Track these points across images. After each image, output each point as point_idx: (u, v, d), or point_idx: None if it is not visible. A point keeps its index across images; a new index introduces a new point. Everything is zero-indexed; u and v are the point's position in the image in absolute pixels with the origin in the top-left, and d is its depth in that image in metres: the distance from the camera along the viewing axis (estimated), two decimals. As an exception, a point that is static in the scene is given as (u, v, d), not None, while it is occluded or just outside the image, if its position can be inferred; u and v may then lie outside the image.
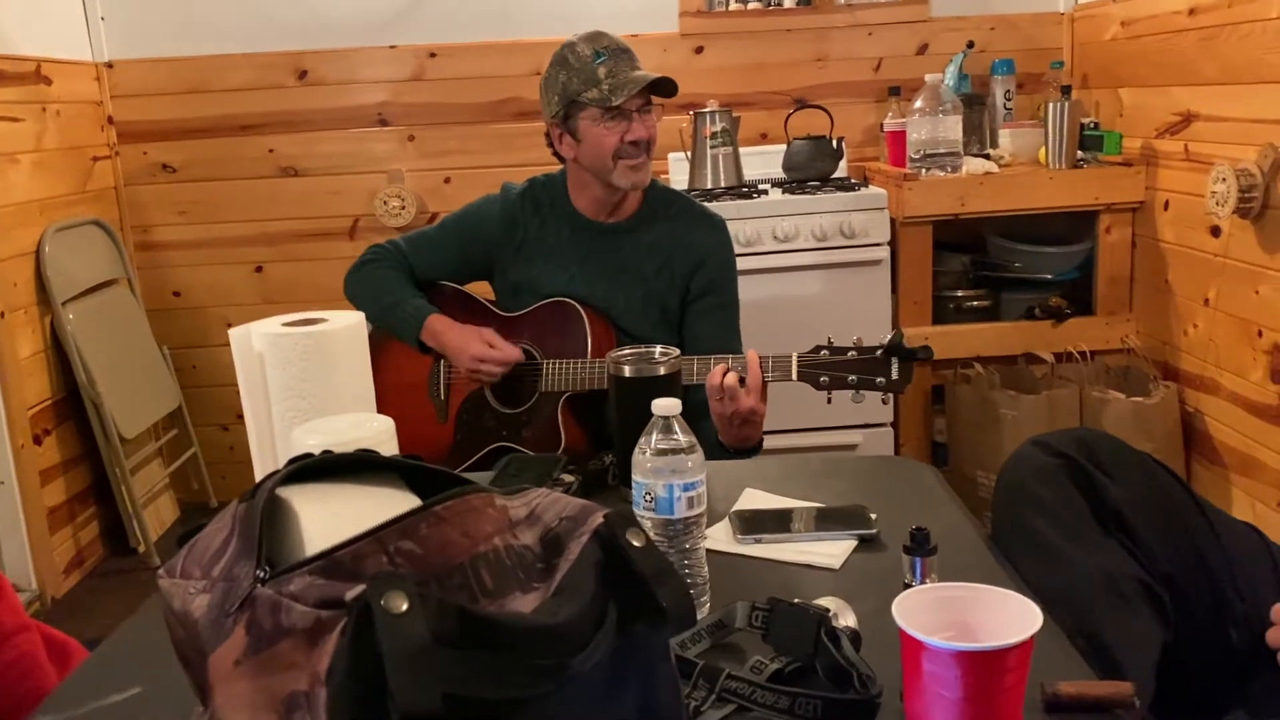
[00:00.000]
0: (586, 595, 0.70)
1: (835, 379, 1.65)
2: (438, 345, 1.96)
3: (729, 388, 1.63)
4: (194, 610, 0.70)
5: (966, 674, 0.75)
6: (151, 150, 3.30)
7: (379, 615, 0.61)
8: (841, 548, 1.24)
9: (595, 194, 1.96)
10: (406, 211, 3.28)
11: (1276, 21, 2.23)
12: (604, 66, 1.84)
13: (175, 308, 3.40)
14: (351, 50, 3.26)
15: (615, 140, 1.86)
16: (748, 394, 1.64)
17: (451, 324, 1.96)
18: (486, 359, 1.90)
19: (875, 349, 1.63)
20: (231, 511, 0.74)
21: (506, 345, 1.92)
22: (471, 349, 1.91)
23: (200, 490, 3.43)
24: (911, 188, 2.76)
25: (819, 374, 1.66)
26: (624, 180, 1.90)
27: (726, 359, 1.70)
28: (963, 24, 3.25)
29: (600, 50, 1.86)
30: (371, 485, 0.77)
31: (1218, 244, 2.50)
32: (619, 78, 1.84)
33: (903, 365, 1.62)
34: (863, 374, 1.63)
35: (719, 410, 1.66)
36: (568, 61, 1.88)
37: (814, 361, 1.66)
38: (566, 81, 1.87)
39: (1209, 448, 2.62)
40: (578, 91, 1.86)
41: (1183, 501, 1.24)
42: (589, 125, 1.87)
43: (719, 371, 1.64)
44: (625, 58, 1.87)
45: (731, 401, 1.64)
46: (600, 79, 1.84)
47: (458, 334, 1.94)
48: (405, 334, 1.98)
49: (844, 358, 1.64)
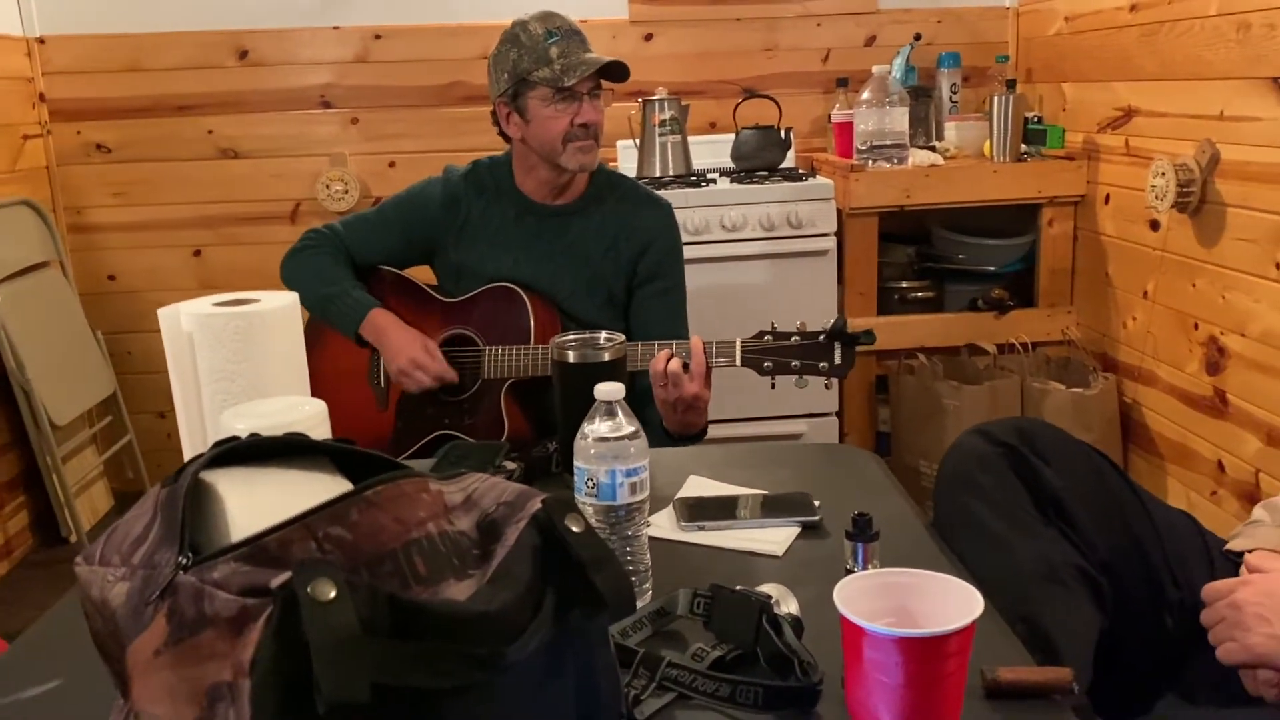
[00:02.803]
0: (523, 582, 0.68)
1: (779, 364, 1.65)
2: (376, 340, 1.91)
3: (673, 373, 1.62)
4: (112, 599, 0.68)
5: (907, 660, 0.75)
6: (85, 129, 3.21)
7: (305, 603, 0.59)
8: (785, 535, 1.23)
9: (542, 175, 1.93)
10: (349, 195, 3.22)
11: (1215, 19, 2.26)
12: (556, 47, 1.82)
13: (110, 291, 3.31)
14: (294, 30, 3.20)
15: (565, 122, 1.84)
16: (692, 380, 1.63)
17: (396, 322, 1.91)
18: (422, 367, 1.86)
19: (818, 334, 1.63)
20: (153, 496, 0.71)
21: (443, 361, 1.88)
22: (410, 352, 1.86)
23: (135, 479, 3.35)
24: (858, 179, 2.77)
25: (763, 359, 1.65)
26: (572, 163, 1.88)
27: (670, 344, 1.69)
28: (910, 17, 3.27)
29: (553, 30, 1.83)
30: (301, 469, 0.75)
31: (1156, 238, 2.54)
32: (571, 59, 1.82)
33: (845, 350, 1.62)
34: (806, 359, 1.63)
35: (663, 396, 1.66)
36: (519, 39, 1.85)
37: (758, 347, 1.66)
38: (517, 59, 1.84)
39: (1146, 438, 2.67)
40: (528, 70, 1.83)
41: (1121, 490, 1.25)
42: (538, 105, 1.85)
43: (663, 357, 1.63)
44: (577, 39, 1.85)
45: (675, 387, 1.63)
46: (552, 59, 1.82)
47: (400, 334, 1.89)
48: (344, 326, 1.93)
49: (787, 343, 1.64)
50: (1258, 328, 2.19)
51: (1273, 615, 1.02)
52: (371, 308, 1.92)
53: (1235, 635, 1.04)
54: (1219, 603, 1.07)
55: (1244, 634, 1.03)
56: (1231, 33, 2.20)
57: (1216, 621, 1.07)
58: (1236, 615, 1.04)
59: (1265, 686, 1.03)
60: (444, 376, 1.87)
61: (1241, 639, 1.03)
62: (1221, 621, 1.06)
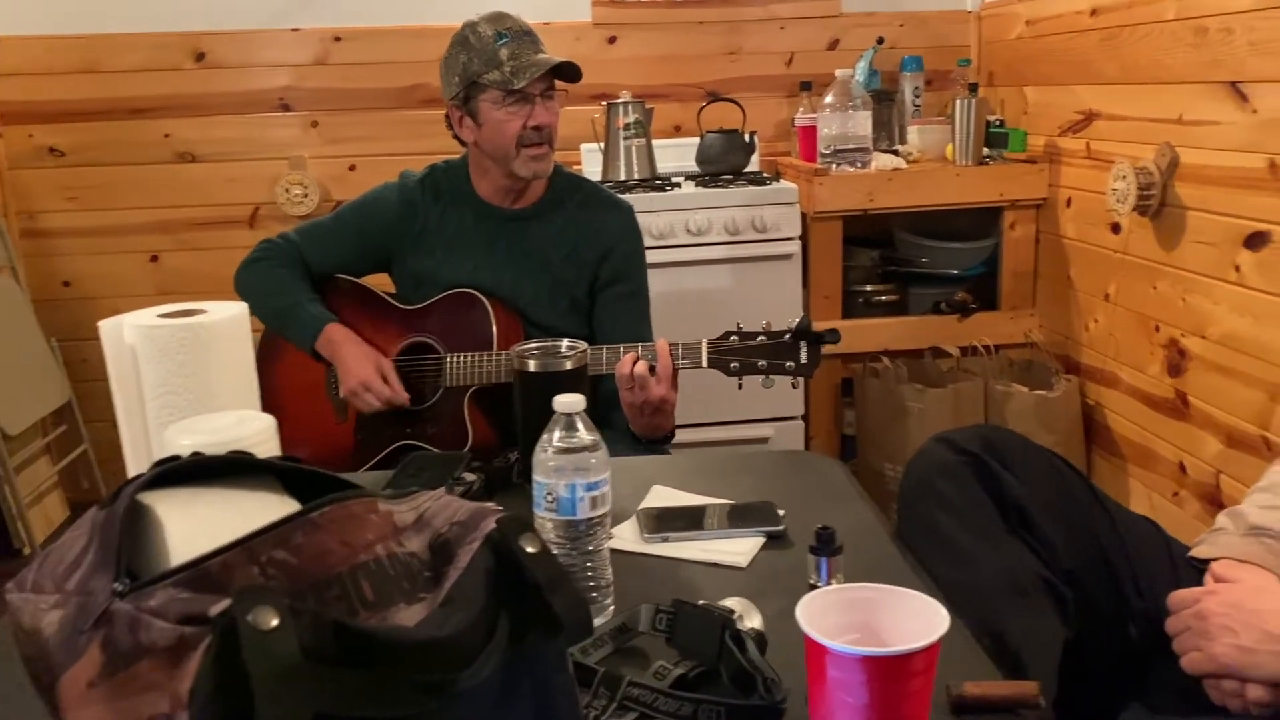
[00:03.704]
0: (476, 605, 0.66)
1: (745, 364, 1.64)
2: (330, 355, 1.87)
3: (639, 376, 1.61)
4: (44, 628, 0.65)
5: (872, 679, 0.73)
6: (38, 133, 3.15)
7: (245, 632, 0.56)
8: (749, 545, 1.21)
9: (497, 180, 1.91)
10: (309, 200, 3.18)
11: (1172, 24, 2.27)
12: (506, 48, 1.80)
13: (64, 298, 3.25)
14: (252, 32, 3.15)
15: (517, 125, 1.81)
16: (658, 382, 1.62)
17: (350, 338, 1.87)
18: (372, 390, 1.82)
19: (784, 333, 1.63)
20: (89, 519, 0.68)
21: (397, 385, 1.84)
22: (362, 374, 1.82)
23: (91, 489, 3.28)
24: (822, 183, 2.76)
25: (729, 360, 1.65)
26: (526, 169, 1.85)
27: (636, 347, 1.68)
28: (873, 20, 3.27)
29: (503, 31, 1.81)
30: (245, 489, 0.72)
31: (1118, 240, 2.55)
32: (521, 60, 1.79)
33: (811, 349, 1.62)
34: (772, 359, 1.63)
35: (629, 399, 1.64)
36: (468, 42, 1.82)
37: (724, 348, 1.65)
38: (467, 62, 1.82)
39: (1109, 440, 2.68)
40: (478, 73, 1.81)
41: (1085, 499, 1.24)
42: (490, 108, 1.82)
43: (629, 360, 1.62)
44: (528, 40, 1.82)
45: (642, 390, 1.61)
46: (502, 60, 1.79)
47: (355, 351, 1.85)
48: (300, 340, 1.89)
49: (753, 343, 1.64)
50: (1218, 330, 2.20)
51: (1238, 626, 1.01)
52: (326, 323, 1.88)
53: (1200, 645, 1.04)
54: (1184, 612, 1.07)
55: (1209, 644, 1.03)
56: (1189, 37, 2.22)
57: (1181, 631, 1.07)
58: (1202, 625, 1.04)
59: (1230, 697, 1.02)
60: (394, 401, 1.84)
61: (1206, 649, 1.03)
62: (1187, 631, 1.06)
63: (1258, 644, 1.00)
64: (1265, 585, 1.07)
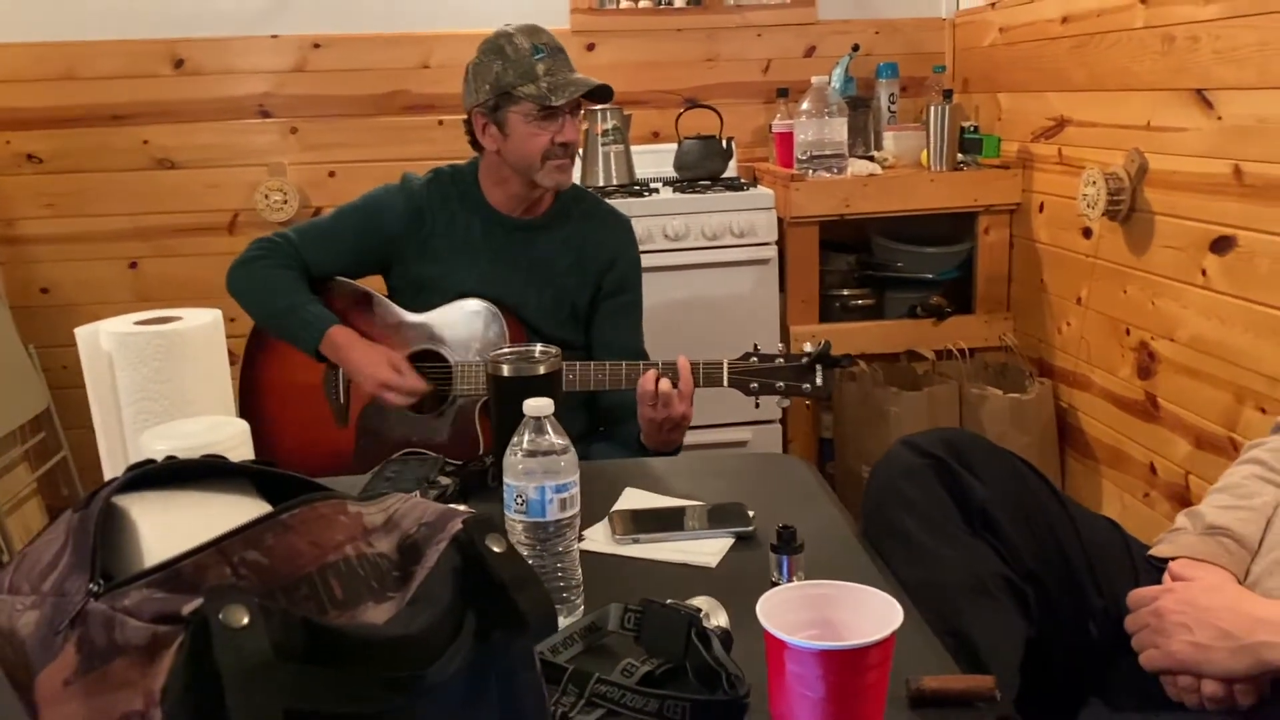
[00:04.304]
0: (443, 604, 0.68)
1: (764, 385, 1.70)
2: (337, 359, 1.86)
3: (664, 394, 1.64)
4: (21, 628, 0.66)
5: (828, 673, 0.76)
6: (15, 139, 3.14)
7: (216, 630, 0.58)
8: (719, 546, 1.24)
9: (514, 190, 1.91)
10: (288, 206, 3.18)
11: (1140, 32, 2.31)
12: (543, 64, 1.81)
13: (43, 305, 3.24)
14: (231, 39, 3.16)
15: (546, 140, 1.83)
16: (680, 399, 1.65)
17: (355, 340, 1.85)
18: (394, 387, 1.82)
19: (802, 357, 1.68)
20: (65, 522, 0.70)
21: (413, 374, 1.84)
22: (380, 375, 1.82)
23: (71, 495, 3.27)
24: (799, 188, 2.79)
25: (749, 380, 1.70)
26: (549, 180, 1.87)
27: (657, 364, 1.70)
28: (849, 27, 3.30)
29: (539, 46, 1.82)
30: (218, 492, 0.74)
31: (1089, 245, 2.59)
32: (558, 77, 1.81)
33: (827, 372, 1.68)
34: (790, 380, 1.68)
35: (650, 415, 1.67)
36: (504, 51, 1.83)
37: (744, 368, 1.70)
38: (501, 72, 1.82)
39: (1081, 442, 2.72)
40: (513, 84, 1.81)
41: (1047, 500, 1.27)
42: (520, 121, 1.83)
43: (651, 377, 1.65)
44: (562, 57, 1.85)
45: (665, 407, 1.65)
46: (539, 75, 1.80)
47: (363, 353, 1.84)
48: (302, 343, 1.87)
49: (772, 364, 1.69)
50: (1186, 333, 2.24)
51: (1193, 623, 1.04)
52: (330, 325, 1.86)
53: (1158, 642, 1.06)
54: (1142, 610, 1.09)
55: (1166, 641, 1.05)
56: (1157, 45, 2.26)
57: (1140, 628, 1.09)
58: (1159, 622, 1.07)
59: (1186, 693, 1.05)
60: (417, 390, 1.84)
61: (1163, 646, 1.05)
62: (1145, 628, 1.08)
63: (1212, 641, 1.03)
64: (1220, 584, 1.10)
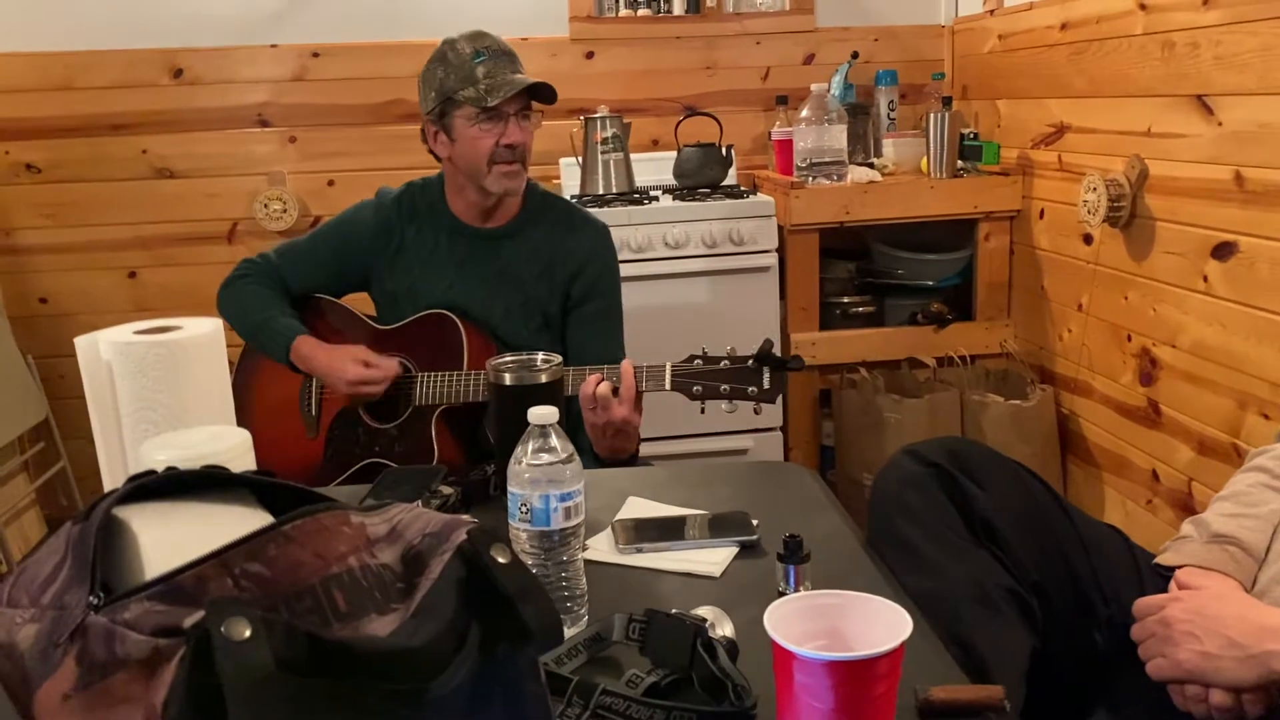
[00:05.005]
0: (447, 615, 0.67)
1: (708, 389, 1.65)
2: (308, 368, 1.89)
3: (601, 397, 1.62)
4: (20, 641, 0.66)
5: (837, 684, 0.75)
6: (14, 149, 3.14)
7: (218, 643, 0.57)
8: (723, 555, 1.23)
9: (470, 197, 1.92)
10: (288, 215, 3.18)
11: (1140, 38, 2.31)
12: (483, 66, 1.81)
13: (41, 315, 3.24)
14: (230, 49, 3.16)
15: (490, 143, 1.83)
16: (621, 404, 1.63)
17: (319, 345, 1.88)
18: (364, 380, 1.84)
19: (746, 359, 1.63)
20: (65, 534, 0.69)
21: (382, 360, 1.86)
22: (347, 372, 1.84)
23: (69, 506, 3.26)
24: (798, 196, 2.79)
25: (692, 384, 1.65)
26: (497, 186, 1.87)
27: (601, 369, 1.69)
28: (848, 35, 3.31)
29: (481, 50, 1.82)
30: (219, 503, 0.73)
31: (1090, 251, 2.59)
32: (497, 79, 1.81)
33: (774, 375, 1.63)
34: (735, 384, 1.64)
35: (592, 420, 1.65)
36: (446, 58, 1.84)
37: (687, 371, 1.66)
38: (444, 78, 1.84)
39: (1083, 449, 2.71)
40: (454, 89, 1.82)
41: (1050, 509, 1.26)
42: (464, 125, 1.84)
43: (592, 381, 1.63)
44: (506, 59, 1.84)
45: (604, 411, 1.62)
46: (478, 78, 1.81)
47: (327, 355, 1.87)
48: (275, 355, 1.92)
49: (716, 367, 1.65)
50: (1187, 339, 2.23)
51: (1201, 632, 1.03)
52: (297, 335, 1.89)
53: (1165, 651, 1.05)
54: (1149, 619, 1.09)
55: (1173, 650, 1.04)
56: (1156, 51, 2.26)
57: (1146, 637, 1.09)
58: (1166, 631, 1.06)
59: (1193, 702, 1.04)
60: (388, 375, 1.85)
61: (1171, 655, 1.05)
62: (1151, 637, 1.08)
63: (1220, 650, 1.02)
64: (1227, 592, 1.10)
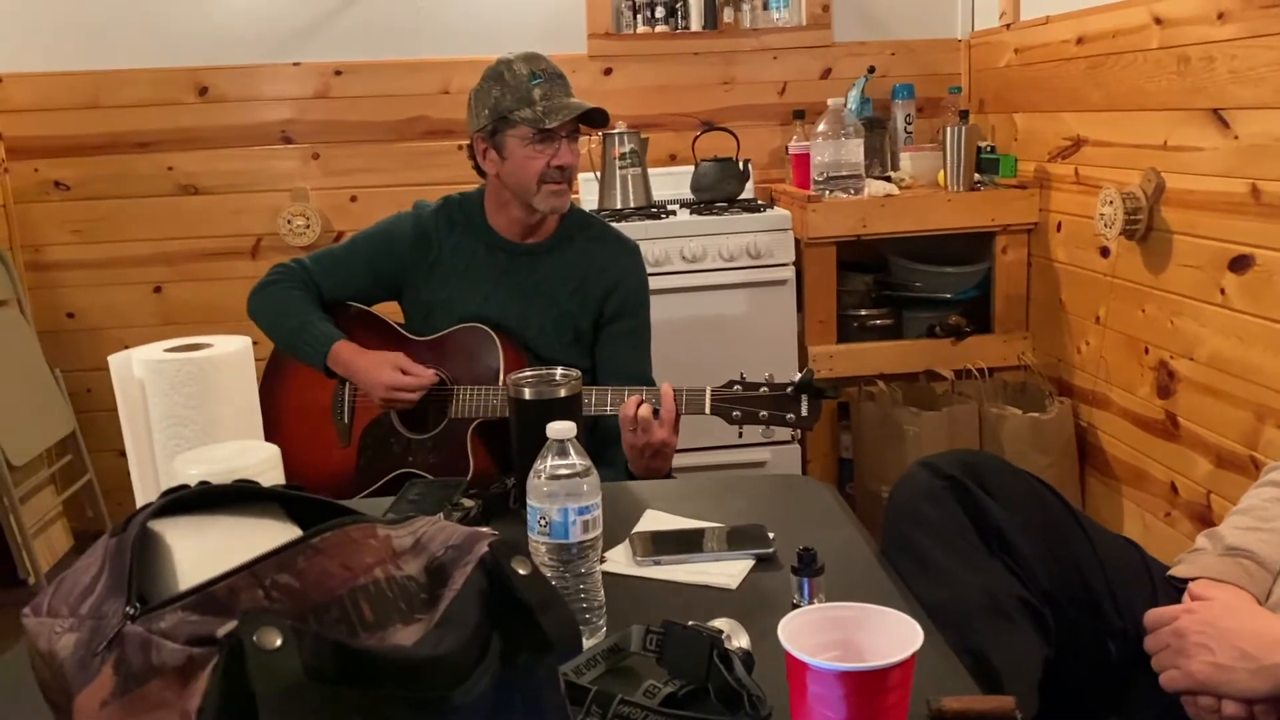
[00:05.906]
0: (470, 625, 0.69)
1: (747, 414, 1.68)
2: (346, 373, 1.92)
3: (642, 419, 1.65)
4: (60, 650, 0.68)
5: (850, 694, 0.76)
6: (43, 167, 3.20)
7: (250, 652, 0.60)
8: (739, 568, 1.24)
9: (514, 214, 1.95)
10: (311, 230, 3.22)
11: (1156, 52, 2.32)
12: (539, 89, 1.85)
13: (69, 329, 3.29)
14: (254, 67, 3.21)
15: (542, 163, 1.87)
16: (661, 426, 1.66)
17: (360, 351, 1.91)
18: (401, 387, 1.86)
19: (786, 386, 1.67)
20: (102, 546, 0.72)
21: (419, 369, 1.88)
22: (385, 378, 1.86)
23: (95, 518, 3.31)
24: (815, 209, 2.81)
25: (732, 409, 1.69)
26: (545, 204, 1.90)
27: (641, 391, 1.71)
28: (864, 49, 3.33)
29: (537, 72, 1.86)
30: (250, 516, 0.76)
31: (1107, 264, 2.59)
32: (554, 101, 1.85)
33: (812, 403, 1.66)
34: (774, 410, 1.67)
35: (631, 441, 1.68)
36: (503, 78, 1.87)
37: (727, 396, 1.69)
38: (500, 97, 1.87)
39: (1102, 461, 2.71)
40: (510, 109, 1.85)
41: (1065, 521, 1.27)
42: (517, 144, 1.87)
43: (633, 403, 1.66)
44: (560, 83, 1.88)
45: (644, 433, 1.65)
46: (535, 100, 1.84)
47: (367, 361, 1.89)
48: (311, 360, 1.94)
49: (756, 393, 1.68)
50: (1205, 352, 2.24)
51: (1214, 644, 1.04)
52: (335, 340, 1.92)
53: (1178, 663, 1.06)
54: (1162, 630, 1.09)
55: (1186, 661, 1.05)
56: (1172, 65, 2.27)
57: (1160, 648, 1.09)
58: (1179, 643, 1.07)
59: (1206, 713, 1.05)
60: (425, 384, 1.87)
61: (1184, 666, 1.06)
62: (1165, 649, 1.08)
63: (1233, 662, 1.03)
64: (1240, 605, 1.10)
